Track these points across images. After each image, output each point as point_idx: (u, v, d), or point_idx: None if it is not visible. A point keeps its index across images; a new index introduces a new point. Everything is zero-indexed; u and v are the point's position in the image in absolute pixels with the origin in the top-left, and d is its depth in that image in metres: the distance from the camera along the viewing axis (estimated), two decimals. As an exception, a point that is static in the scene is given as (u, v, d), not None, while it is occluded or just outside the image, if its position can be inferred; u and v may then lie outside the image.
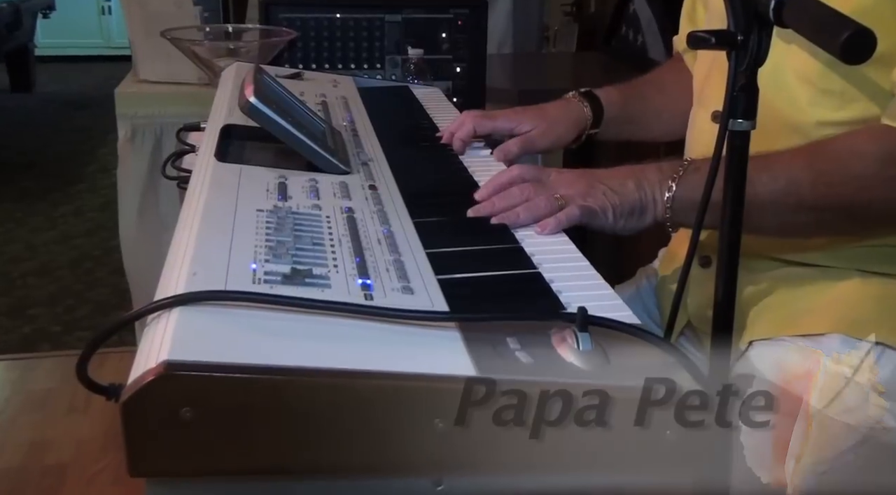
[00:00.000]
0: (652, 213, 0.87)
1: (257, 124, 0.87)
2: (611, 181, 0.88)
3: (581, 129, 1.14)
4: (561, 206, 0.85)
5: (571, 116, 1.13)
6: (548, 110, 1.14)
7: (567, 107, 1.15)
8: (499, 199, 0.87)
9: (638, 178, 0.88)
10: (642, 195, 0.87)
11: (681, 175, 0.86)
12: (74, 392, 2.07)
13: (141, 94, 1.89)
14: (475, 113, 1.15)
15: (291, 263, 0.63)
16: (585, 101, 1.15)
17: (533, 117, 1.12)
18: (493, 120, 1.12)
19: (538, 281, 0.73)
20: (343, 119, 1.12)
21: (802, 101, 0.88)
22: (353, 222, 0.74)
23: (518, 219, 0.85)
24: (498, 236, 0.83)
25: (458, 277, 0.72)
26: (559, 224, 0.84)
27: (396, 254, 0.69)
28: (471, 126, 1.11)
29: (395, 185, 0.88)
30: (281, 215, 0.72)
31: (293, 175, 0.84)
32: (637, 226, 0.88)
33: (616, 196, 0.87)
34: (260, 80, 0.92)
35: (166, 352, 0.50)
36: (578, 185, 0.88)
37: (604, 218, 0.86)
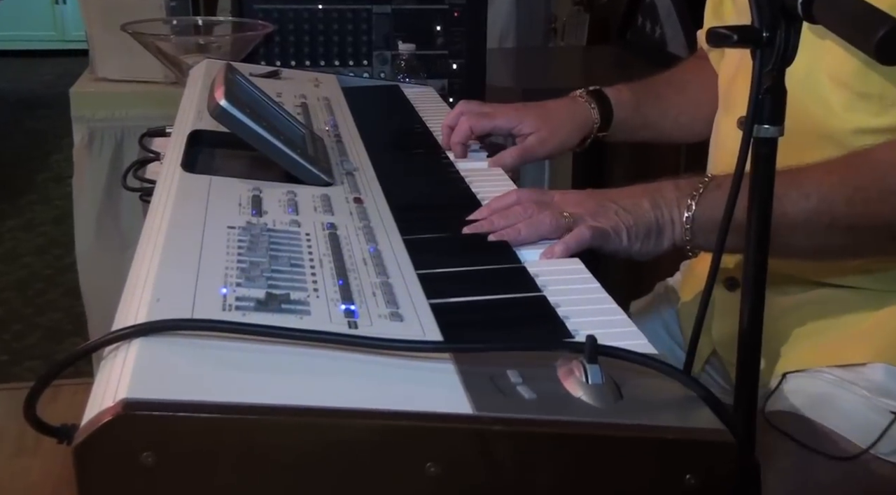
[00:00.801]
0: (670, 235, 0.88)
1: (229, 130, 0.87)
2: (623, 200, 0.88)
3: (587, 132, 1.15)
4: (568, 225, 0.86)
5: (577, 118, 1.14)
6: (551, 111, 1.15)
7: (573, 107, 1.16)
8: (498, 217, 0.88)
9: (653, 197, 0.88)
10: (658, 215, 0.87)
11: (701, 192, 0.87)
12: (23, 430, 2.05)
13: (99, 94, 1.90)
14: (472, 107, 1.15)
15: (266, 287, 0.63)
16: (593, 101, 1.15)
17: (535, 118, 1.13)
18: (491, 119, 1.13)
19: (542, 305, 0.73)
20: (325, 123, 1.13)
21: (837, 105, 0.89)
22: (335, 240, 0.74)
23: (519, 235, 0.85)
24: (498, 256, 0.83)
25: (453, 302, 0.72)
26: (567, 249, 0.84)
27: (384, 275, 0.69)
28: (467, 127, 1.12)
29: (383, 198, 0.88)
30: (255, 233, 0.73)
31: (269, 187, 0.85)
32: (654, 250, 0.88)
33: (630, 216, 0.87)
34: (232, 79, 0.92)
35: (125, 390, 0.50)
36: (588, 204, 0.88)
37: (617, 240, 0.86)
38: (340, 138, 1.07)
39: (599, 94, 1.16)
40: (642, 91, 1.19)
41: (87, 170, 1.89)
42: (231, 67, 0.97)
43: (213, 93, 0.87)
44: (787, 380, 0.92)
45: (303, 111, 1.16)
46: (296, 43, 1.67)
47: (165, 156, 0.96)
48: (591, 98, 1.16)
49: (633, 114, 1.17)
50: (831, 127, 0.89)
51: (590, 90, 1.17)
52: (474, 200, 0.97)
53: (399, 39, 1.66)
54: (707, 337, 1.03)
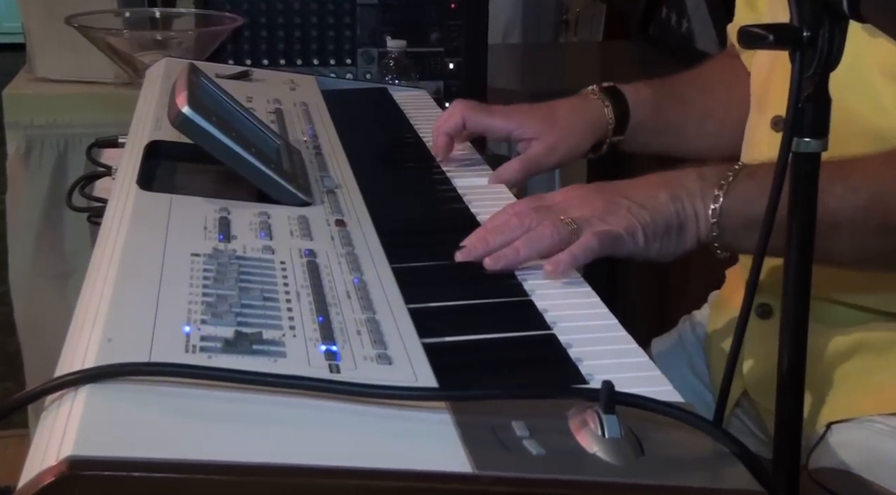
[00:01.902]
0: (693, 231, 0.87)
1: (192, 141, 0.88)
2: (636, 194, 0.88)
3: (600, 135, 1.15)
4: (573, 233, 0.85)
5: (589, 119, 1.14)
6: (559, 111, 1.15)
7: (584, 106, 1.16)
8: (493, 234, 0.88)
9: (672, 188, 0.88)
10: (679, 208, 0.87)
11: (730, 182, 0.87)
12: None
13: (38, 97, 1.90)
14: (469, 103, 1.15)
15: (235, 325, 0.64)
16: (607, 99, 1.15)
17: (539, 120, 1.13)
18: (489, 116, 1.13)
19: (552, 346, 0.74)
20: (303, 133, 1.13)
21: (889, 102, 0.90)
22: (315, 270, 0.75)
23: (518, 256, 0.85)
24: (500, 287, 0.83)
25: (450, 342, 0.73)
26: (573, 259, 0.84)
27: (370, 311, 0.70)
28: (459, 118, 1.12)
29: (370, 221, 0.89)
30: (222, 261, 0.73)
31: (238, 207, 0.85)
32: (676, 249, 0.88)
33: (645, 212, 0.87)
34: (195, 82, 0.93)
35: (71, 446, 0.50)
36: (594, 203, 0.88)
37: (632, 242, 0.86)
38: (320, 150, 1.08)
39: (614, 92, 1.16)
40: (664, 90, 1.19)
41: (24, 185, 1.89)
42: (194, 68, 0.98)
43: (173, 97, 0.88)
44: (832, 431, 0.92)
45: (277, 119, 1.17)
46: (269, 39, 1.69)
47: (118, 170, 0.97)
48: (605, 96, 1.15)
49: (652, 116, 1.17)
50: (881, 125, 0.90)
51: (604, 87, 1.17)
52: (474, 222, 0.98)
53: (387, 35, 1.68)
54: (737, 375, 1.03)
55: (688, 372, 1.15)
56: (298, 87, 1.34)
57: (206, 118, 0.87)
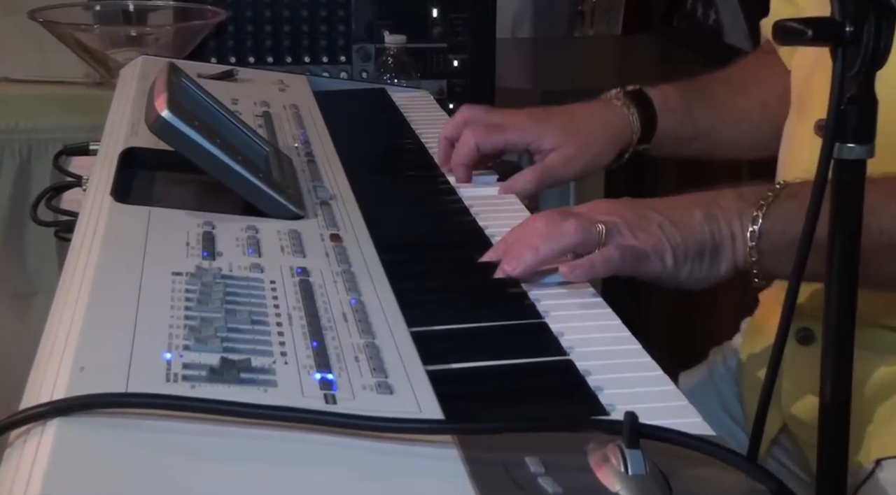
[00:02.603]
0: (729, 256, 0.88)
1: (172, 148, 0.88)
2: (669, 210, 0.89)
3: (624, 145, 1.16)
4: (599, 236, 0.86)
5: (612, 127, 1.15)
6: (579, 119, 1.15)
7: (606, 113, 1.16)
8: (514, 235, 0.88)
9: (708, 207, 0.89)
10: (714, 229, 0.88)
11: (770, 202, 0.87)
12: None
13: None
14: (478, 115, 1.16)
15: (221, 351, 0.63)
16: (632, 105, 1.16)
17: (558, 129, 1.14)
18: (503, 132, 1.14)
19: (568, 373, 0.74)
20: (294, 138, 1.14)
21: None
22: (308, 290, 0.75)
23: (537, 253, 0.86)
24: (512, 308, 0.84)
25: (456, 369, 0.73)
26: (591, 268, 0.85)
27: (369, 335, 0.70)
28: (472, 144, 1.13)
29: (368, 235, 0.89)
30: (206, 280, 0.73)
31: (224, 221, 0.85)
32: (708, 276, 0.88)
33: (677, 231, 0.87)
34: (176, 83, 0.93)
35: (39, 486, 0.50)
36: (623, 212, 0.89)
37: (658, 262, 0.86)
38: (313, 157, 1.08)
39: (640, 96, 1.17)
40: (693, 92, 1.19)
41: (-17, 196, 1.89)
42: (174, 67, 0.98)
43: (151, 100, 0.88)
44: (882, 468, 0.92)
45: (265, 123, 1.17)
46: (255, 34, 1.69)
47: (89, 180, 0.97)
48: (630, 101, 1.16)
49: (682, 121, 1.17)
50: None
51: (627, 91, 1.17)
52: (481, 237, 0.98)
53: (385, 29, 1.68)
54: (776, 408, 1.03)
55: (718, 409, 1.15)
56: (288, 87, 1.34)
57: (188, 122, 0.87)
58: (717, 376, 1.18)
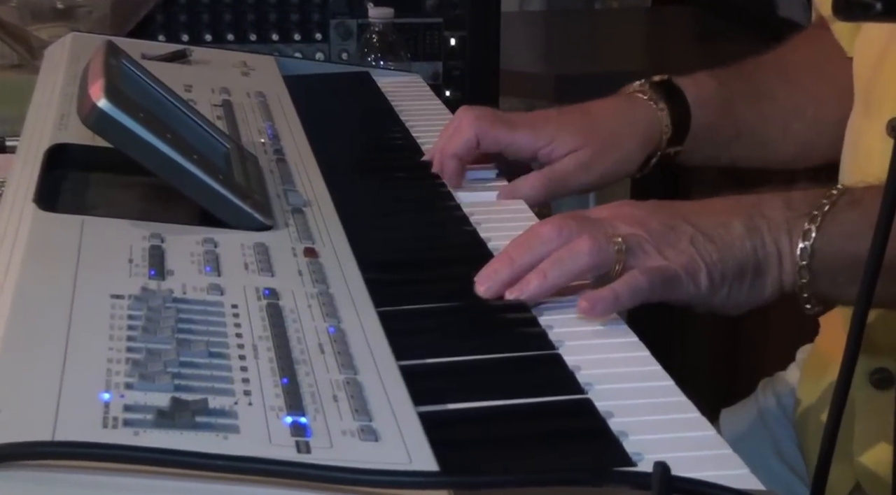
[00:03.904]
0: (775, 277, 0.88)
1: (111, 145, 0.87)
2: (703, 220, 0.88)
3: (652, 148, 1.15)
4: (619, 254, 0.86)
5: (638, 127, 1.14)
6: (598, 118, 1.14)
7: (629, 109, 1.15)
8: (519, 250, 0.87)
9: (750, 217, 0.88)
10: (758, 245, 0.88)
11: (826, 211, 0.87)
12: None
13: None
14: (481, 112, 1.14)
15: (172, 390, 0.63)
16: (661, 99, 1.15)
17: (575, 131, 1.13)
18: (510, 130, 1.12)
19: (586, 414, 0.73)
20: (260, 132, 1.13)
21: None
22: (277, 315, 0.74)
23: (544, 281, 0.85)
24: (519, 337, 0.83)
25: (453, 410, 0.72)
26: (615, 299, 0.84)
27: (350, 370, 0.70)
28: (472, 135, 1.11)
29: (348, 249, 0.89)
30: (154, 304, 0.72)
31: (175, 233, 0.84)
32: (749, 299, 0.88)
33: (713, 247, 0.87)
34: (115, 66, 0.93)
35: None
36: (649, 224, 0.88)
37: (691, 285, 0.86)
38: (283, 156, 1.08)
39: (669, 88, 1.16)
40: (734, 82, 1.18)
41: None
42: (112, 47, 0.98)
43: (85, 86, 0.88)
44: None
45: (225, 114, 1.16)
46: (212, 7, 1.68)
47: (6, 184, 0.96)
48: (657, 94, 1.15)
49: (720, 117, 1.16)
50: None
51: (654, 82, 1.16)
52: (483, 250, 0.97)
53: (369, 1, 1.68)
54: (845, 462, 1.03)
55: (771, 455, 1.14)
56: (253, 71, 1.34)
57: (130, 114, 0.86)
58: (768, 415, 1.18)
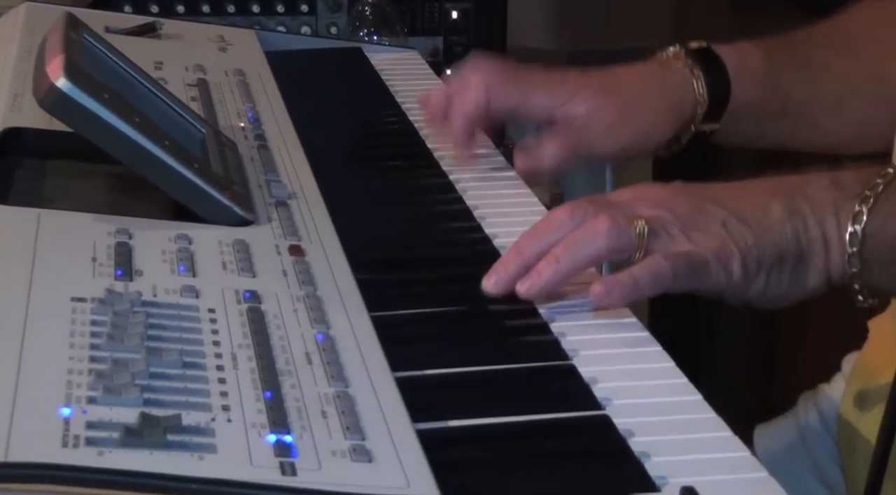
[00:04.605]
0: (820, 265, 0.88)
1: (72, 129, 0.88)
2: (738, 203, 0.89)
3: (684, 119, 1.14)
4: (641, 238, 0.86)
5: (669, 96, 1.14)
6: (624, 81, 1.14)
7: (661, 75, 1.15)
8: (529, 240, 0.87)
9: (792, 198, 0.89)
10: (800, 229, 0.88)
11: (879, 192, 0.87)
12: None
13: None
14: (491, 67, 1.13)
15: (141, 405, 0.63)
16: (697, 66, 1.14)
17: (596, 91, 1.12)
18: (525, 87, 1.12)
19: (604, 433, 0.73)
20: (240, 115, 1.13)
21: None
22: (259, 321, 0.74)
23: (557, 267, 0.84)
24: (528, 346, 0.83)
25: (455, 427, 0.72)
26: (634, 285, 0.84)
27: (341, 382, 0.70)
28: (482, 95, 1.10)
29: (338, 246, 0.89)
30: (121, 309, 0.72)
31: (144, 228, 0.85)
32: (790, 291, 0.89)
33: (748, 230, 0.87)
34: (76, 41, 0.93)
35: None
36: (675, 205, 0.88)
37: (723, 273, 0.86)
38: (265, 142, 1.08)
39: (708, 56, 1.15)
40: (783, 53, 1.18)
41: None
42: (73, 19, 0.98)
43: (42, 64, 0.88)
44: None
45: (200, 94, 1.16)
46: (186, -26, 1.69)
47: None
48: (695, 61, 1.14)
49: (765, 91, 1.16)
50: None
51: (691, 48, 1.15)
52: (488, 247, 0.97)
53: (361, -32, 1.68)
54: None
55: (812, 479, 1.14)
56: (231, 46, 1.34)
57: (93, 95, 0.86)
58: (809, 433, 1.18)
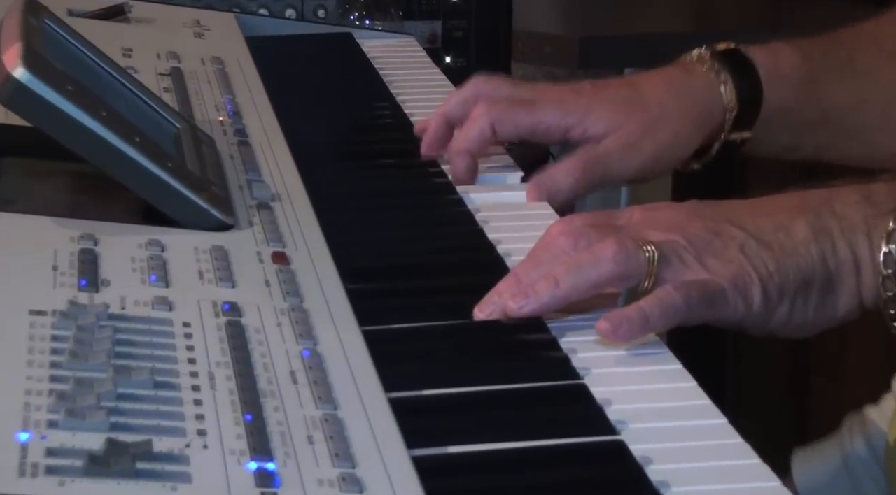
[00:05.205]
0: (851, 290, 0.89)
1: (30, 123, 0.88)
2: (758, 223, 0.89)
3: (712, 131, 1.15)
4: (650, 264, 0.86)
5: (693, 104, 1.14)
6: (645, 91, 1.15)
7: (685, 82, 1.16)
8: (527, 267, 0.88)
9: (818, 216, 0.89)
10: (827, 251, 0.88)
11: None
12: None
13: None
14: (495, 88, 1.15)
15: (107, 429, 0.63)
16: (725, 71, 1.15)
17: (614, 105, 1.13)
18: (532, 109, 1.13)
19: (619, 460, 0.73)
20: (218, 108, 1.14)
21: None
22: (239, 336, 0.75)
23: (556, 289, 0.85)
24: (534, 364, 0.84)
25: (454, 454, 0.72)
26: (644, 321, 0.84)
27: (329, 404, 0.70)
28: (486, 124, 1.11)
29: (327, 254, 0.89)
30: (85, 323, 0.73)
31: (112, 233, 0.85)
32: (817, 319, 0.89)
33: (769, 254, 0.88)
34: (35, 27, 0.93)
35: None
36: (688, 228, 0.88)
37: (741, 303, 0.86)
38: (246, 138, 1.08)
39: (737, 59, 1.16)
40: (822, 54, 1.18)
41: None
42: (32, 2, 0.98)
43: (-1, 54, 0.88)
44: None
45: (174, 85, 1.17)
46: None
47: None
48: (722, 65, 1.15)
49: (804, 98, 1.16)
50: None
51: (718, 51, 1.16)
52: (492, 256, 0.98)
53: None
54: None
55: None
56: (208, 31, 1.35)
57: (54, 86, 0.86)
58: (854, 461, 1.17)
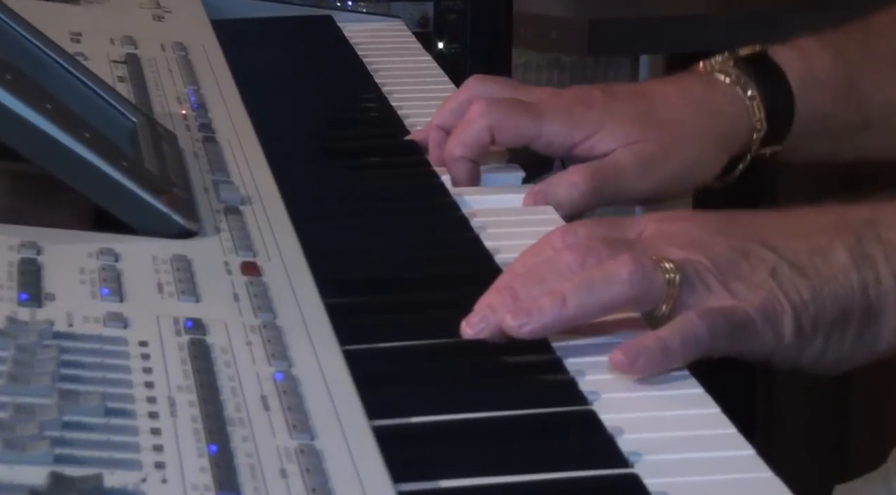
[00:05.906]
0: (894, 324, 0.89)
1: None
2: (791, 244, 0.90)
3: (739, 149, 1.16)
4: (671, 286, 0.86)
5: (717, 121, 1.15)
6: (661, 102, 1.16)
7: (707, 96, 1.17)
8: (525, 282, 0.88)
9: (859, 240, 0.90)
10: (869, 280, 0.89)
11: None
12: None
13: None
14: (496, 88, 1.16)
15: (51, 462, 0.63)
16: (751, 82, 1.16)
17: (630, 120, 1.14)
18: (536, 117, 1.13)
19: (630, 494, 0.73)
20: (180, 100, 1.15)
21: None
22: (204, 357, 0.75)
23: (562, 309, 0.85)
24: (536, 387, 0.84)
25: (447, 489, 0.72)
26: (665, 354, 0.84)
27: (305, 433, 0.70)
28: (485, 127, 1.12)
29: (304, 264, 0.89)
30: (26, 342, 0.73)
31: (57, 241, 0.86)
32: (855, 354, 0.90)
33: (803, 282, 0.88)
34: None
35: None
36: (711, 246, 0.89)
37: (770, 334, 0.87)
38: (212, 133, 1.09)
39: (763, 65, 1.17)
40: (859, 50, 1.20)
41: None
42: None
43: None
44: None
45: (130, 74, 1.18)
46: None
47: None
48: (747, 75, 1.16)
49: (841, 101, 1.18)
50: None
51: (741, 57, 1.17)
52: (489, 264, 0.98)
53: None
54: None
55: None
56: (169, 13, 1.36)
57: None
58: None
